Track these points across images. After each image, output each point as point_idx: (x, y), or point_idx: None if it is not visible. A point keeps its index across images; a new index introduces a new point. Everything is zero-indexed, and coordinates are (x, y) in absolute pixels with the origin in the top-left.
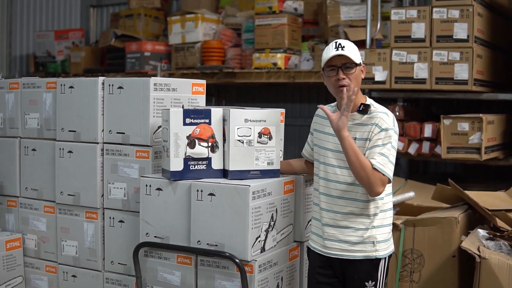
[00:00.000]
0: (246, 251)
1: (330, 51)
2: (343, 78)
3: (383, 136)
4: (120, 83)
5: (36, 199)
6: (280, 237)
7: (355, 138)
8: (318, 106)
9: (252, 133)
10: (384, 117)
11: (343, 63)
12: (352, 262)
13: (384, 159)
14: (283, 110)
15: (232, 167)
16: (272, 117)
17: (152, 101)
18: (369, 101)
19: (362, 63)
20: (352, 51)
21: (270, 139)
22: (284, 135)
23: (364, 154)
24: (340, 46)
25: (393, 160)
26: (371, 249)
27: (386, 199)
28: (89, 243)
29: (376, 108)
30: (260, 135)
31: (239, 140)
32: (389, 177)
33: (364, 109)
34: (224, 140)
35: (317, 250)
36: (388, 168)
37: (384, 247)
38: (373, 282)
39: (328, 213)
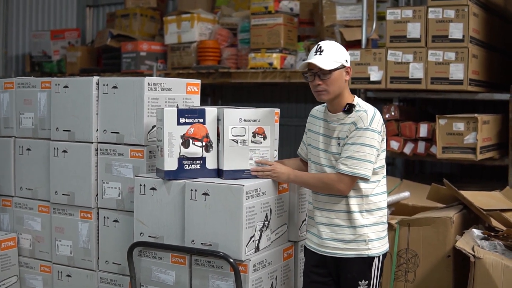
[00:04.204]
0: (240, 251)
1: (310, 56)
2: (319, 84)
3: (354, 135)
4: (115, 83)
5: (31, 198)
6: (274, 237)
7: (338, 138)
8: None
9: (246, 132)
10: (363, 116)
11: (320, 69)
12: (346, 260)
13: (353, 161)
14: (277, 110)
15: (226, 166)
16: (266, 117)
17: (146, 101)
18: (356, 100)
19: (345, 65)
20: (329, 55)
21: (264, 139)
22: (279, 135)
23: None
24: (319, 50)
25: (369, 156)
26: (363, 248)
27: (379, 198)
28: (83, 243)
29: (361, 106)
30: (254, 134)
31: (233, 140)
32: (361, 175)
33: (348, 109)
34: (218, 139)
35: (312, 248)
36: (358, 168)
37: (377, 245)
38: (366, 281)
39: (321, 211)
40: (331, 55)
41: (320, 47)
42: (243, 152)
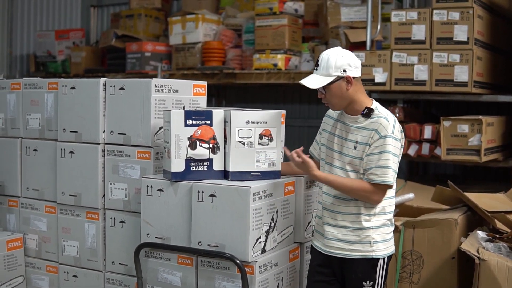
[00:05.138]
0: (246, 252)
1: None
2: (323, 97)
3: (381, 144)
4: (122, 84)
5: (37, 199)
6: (280, 238)
7: (356, 141)
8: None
9: (253, 134)
10: (384, 123)
11: None
12: (350, 261)
13: (382, 170)
14: (283, 112)
15: (233, 168)
16: (273, 119)
17: (153, 102)
18: (375, 104)
19: (342, 75)
20: (323, 70)
21: (271, 141)
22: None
23: (362, 159)
24: (316, 65)
25: (393, 165)
26: (368, 249)
27: (387, 202)
28: (90, 244)
29: (380, 112)
30: (261, 136)
31: (240, 142)
32: (389, 183)
33: (367, 113)
34: (225, 141)
35: (318, 248)
36: (387, 176)
37: (382, 247)
38: (371, 283)
39: (329, 212)
40: (325, 69)
41: (317, 62)
42: (250, 154)
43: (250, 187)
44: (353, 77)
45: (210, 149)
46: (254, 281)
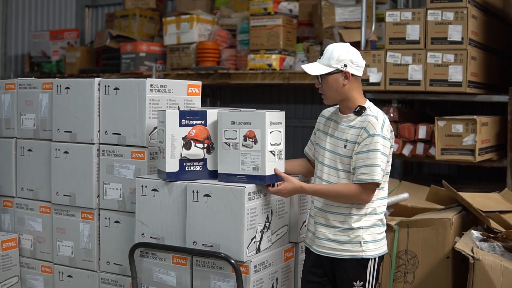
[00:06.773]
0: (241, 252)
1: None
2: (319, 87)
3: (369, 142)
4: (116, 84)
5: (32, 199)
6: (275, 238)
7: (346, 140)
8: None
9: (237, 135)
10: (373, 121)
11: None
12: (341, 261)
13: (370, 168)
14: (282, 112)
15: (220, 169)
16: (257, 120)
17: (148, 102)
18: (368, 103)
19: (342, 69)
20: (326, 60)
21: (255, 143)
22: None
23: (352, 158)
24: (321, 53)
25: (381, 163)
26: (357, 249)
27: (379, 203)
28: (84, 244)
29: (371, 111)
30: (245, 138)
31: (226, 143)
32: (377, 181)
33: (358, 111)
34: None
35: (310, 248)
36: (375, 173)
37: (372, 247)
38: (361, 283)
39: (320, 212)
40: (327, 59)
41: (323, 51)
42: (235, 156)
43: (245, 187)
44: (352, 74)
45: (205, 149)
46: (248, 281)
